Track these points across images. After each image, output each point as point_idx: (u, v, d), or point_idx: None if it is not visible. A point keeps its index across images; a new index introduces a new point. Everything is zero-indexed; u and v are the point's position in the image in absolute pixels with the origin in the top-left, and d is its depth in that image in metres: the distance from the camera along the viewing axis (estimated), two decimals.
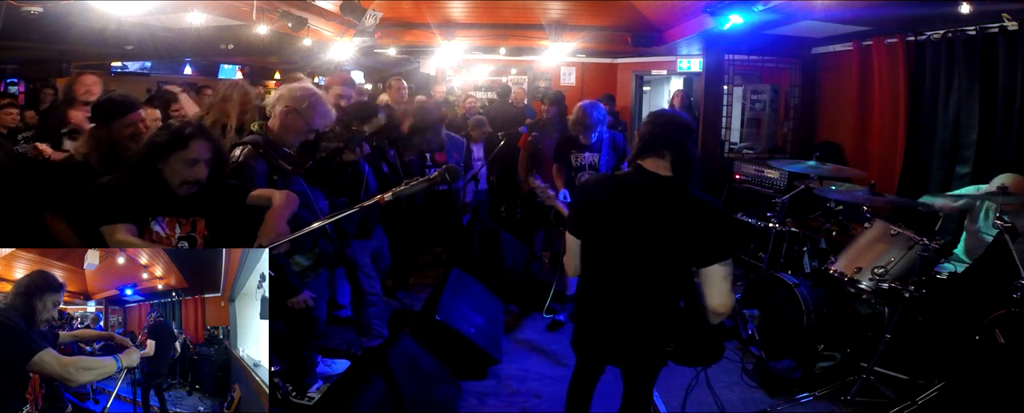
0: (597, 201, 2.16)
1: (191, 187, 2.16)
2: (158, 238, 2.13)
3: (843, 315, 3.49)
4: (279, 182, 2.55)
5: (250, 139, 2.63)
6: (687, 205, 2.06)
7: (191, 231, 2.19)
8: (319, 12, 5.87)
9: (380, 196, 2.01)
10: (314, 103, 2.67)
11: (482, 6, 6.68)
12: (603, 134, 4.06)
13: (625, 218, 2.09)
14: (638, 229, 2.08)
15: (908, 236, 3.21)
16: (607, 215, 2.12)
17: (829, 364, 3.42)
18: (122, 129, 2.50)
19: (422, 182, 2.03)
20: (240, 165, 2.50)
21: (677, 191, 2.07)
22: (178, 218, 2.17)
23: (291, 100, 2.64)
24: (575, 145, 4.11)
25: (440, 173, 2.05)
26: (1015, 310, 2.67)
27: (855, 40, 5.36)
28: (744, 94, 6.84)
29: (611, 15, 6.64)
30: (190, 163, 2.13)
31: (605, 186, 2.22)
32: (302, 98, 2.65)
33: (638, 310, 2.14)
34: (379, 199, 2.00)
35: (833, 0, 4.01)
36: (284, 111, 2.64)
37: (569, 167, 4.14)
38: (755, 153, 6.55)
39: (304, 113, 2.65)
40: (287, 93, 2.66)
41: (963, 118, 4.46)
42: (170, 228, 2.15)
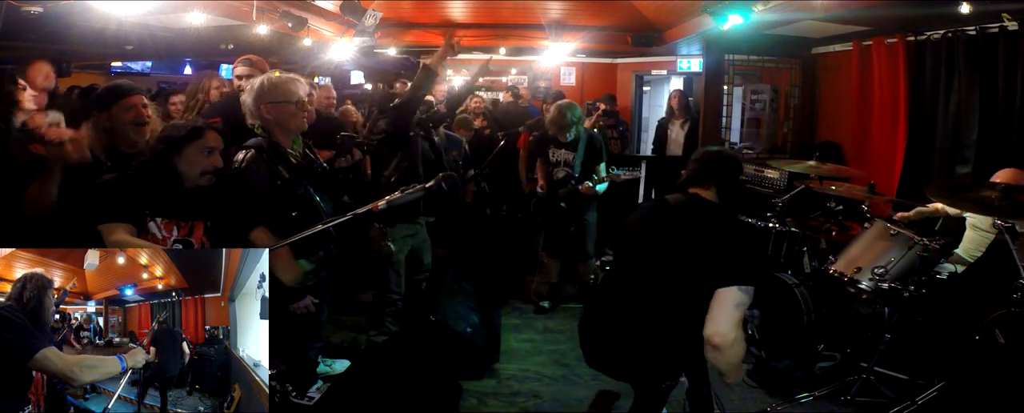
0: (637, 218, 2.26)
1: (212, 178, 2.18)
2: (153, 240, 2.11)
3: (843, 315, 3.50)
4: (282, 186, 2.54)
5: (253, 143, 2.56)
6: (724, 224, 2.11)
7: (188, 235, 2.17)
8: (319, 12, 5.86)
9: (374, 204, 1.94)
10: (272, 83, 2.58)
11: (482, 6, 6.68)
12: (581, 133, 4.36)
13: (659, 234, 2.16)
14: (670, 246, 2.12)
15: (908, 236, 3.21)
16: (642, 230, 2.21)
17: (829, 364, 3.43)
18: (122, 113, 2.43)
19: (418, 190, 1.96)
20: (244, 170, 2.45)
21: (717, 212, 2.16)
22: (177, 221, 2.16)
23: (259, 97, 2.57)
24: (553, 142, 4.42)
25: (437, 180, 2.00)
26: (1015, 310, 2.66)
27: (855, 40, 5.35)
28: (744, 94, 6.84)
29: (611, 15, 6.64)
30: (209, 151, 2.16)
31: (647, 204, 2.36)
32: (262, 88, 2.58)
33: (652, 332, 2.12)
34: (372, 207, 1.94)
35: (833, 0, 4.01)
36: (264, 108, 2.56)
37: (547, 162, 4.48)
38: (755, 153, 6.55)
39: (278, 95, 2.57)
40: (249, 96, 2.58)
41: (963, 118, 4.46)
42: (167, 230, 2.14)
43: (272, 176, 2.52)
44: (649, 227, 2.20)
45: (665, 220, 2.18)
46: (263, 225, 2.35)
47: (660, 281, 2.10)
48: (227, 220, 2.24)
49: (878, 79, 5.13)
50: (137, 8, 4.25)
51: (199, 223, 2.19)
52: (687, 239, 2.09)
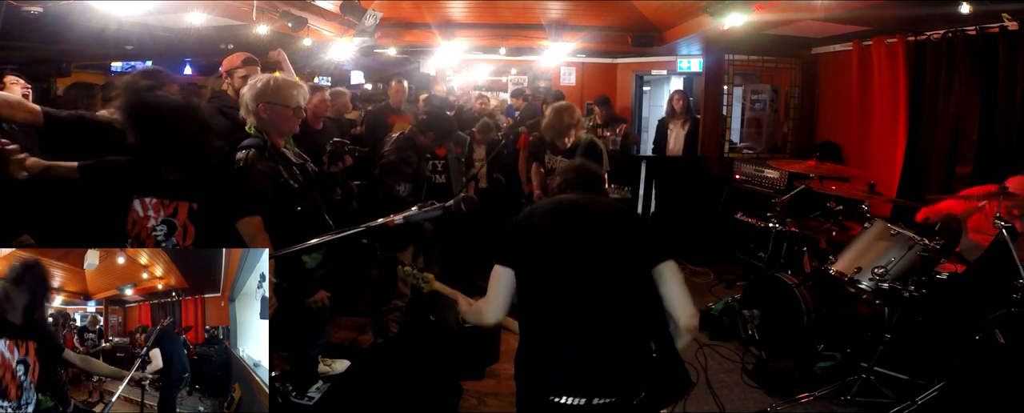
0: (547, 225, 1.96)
1: None
2: (135, 218, 2.11)
3: (843, 315, 3.49)
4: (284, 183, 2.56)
5: (252, 142, 2.56)
6: (616, 208, 2.05)
7: (172, 215, 2.13)
8: (319, 12, 5.86)
9: (390, 218, 1.89)
10: (276, 84, 2.61)
11: (482, 6, 6.68)
12: (580, 139, 4.01)
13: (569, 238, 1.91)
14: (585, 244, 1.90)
15: (908, 236, 3.21)
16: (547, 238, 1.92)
17: (829, 364, 3.42)
18: None
19: (437, 208, 1.90)
20: (248, 169, 2.46)
21: (606, 201, 2.09)
22: (163, 199, 2.13)
23: (259, 95, 2.58)
24: (550, 148, 4.14)
25: (456, 201, 1.97)
26: (1015, 310, 2.67)
27: (855, 40, 5.36)
28: (744, 94, 6.84)
29: (611, 15, 6.63)
30: None
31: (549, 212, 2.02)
32: (266, 87, 2.60)
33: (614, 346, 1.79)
34: (388, 221, 1.88)
35: (833, 0, 4.01)
36: (261, 107, 2.58)
37: (543, 168, 4.23)
38: (755, 153, 6.55)
39: (278, 97, 2.59)
40: (249, 92, 2.60)
41: (963, 118, 4.46)
42: (155, 210, 2.13)
43: (275, 174, 2.55)
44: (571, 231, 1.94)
45: (587, 221, 1.96)
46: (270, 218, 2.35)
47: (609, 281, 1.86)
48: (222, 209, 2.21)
49: (878, 79, 5.13)
50: (137, 8, 4.25)
51: (184, 204, 2.13)
52: (609, 231, 1.94)
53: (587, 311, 1.81)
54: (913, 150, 4.86)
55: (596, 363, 1.75)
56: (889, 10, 4.21)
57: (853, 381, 3.20)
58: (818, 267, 3.79)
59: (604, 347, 1.77)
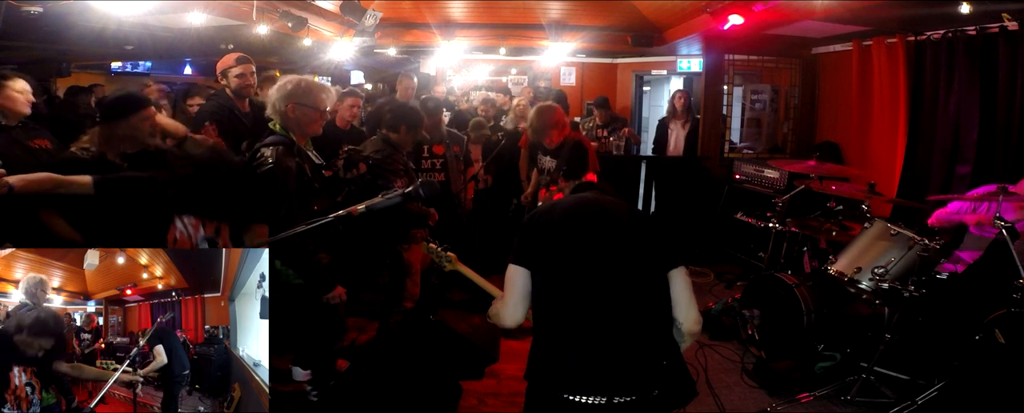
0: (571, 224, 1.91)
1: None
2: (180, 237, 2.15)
3: (843, 315, 3.49)
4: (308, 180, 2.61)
5: (277, 140, 2.59)
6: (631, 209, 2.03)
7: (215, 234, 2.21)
8: (319, 12, 5.86)
9: (353, 207, 1.94)
10: (307, 87, 2.65)
11: (482, 6, 6.67)
12: (566, 140, 3.97)
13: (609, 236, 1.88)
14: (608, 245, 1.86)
15: (908, 236, 3.21)
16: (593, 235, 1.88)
17: (829, 364, 3.42)
18: (140, 123, 2.56)
19: (396, 195, 1.95)
20: (274, 168, 2.49)
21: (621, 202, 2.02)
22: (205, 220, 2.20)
23: (289, 96, 2.61)
24: (541, 148, 4.15)
25: (415, 187, 1.99)
26: (1015, 310, 2.67)
27: (855, 40, 5.36)
28: (744, 94, 6.84)
29: (611, 15, 6.63)
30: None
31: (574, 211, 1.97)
32: (296, 88, 2.63)
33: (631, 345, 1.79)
34: (352, 210, 1.93)
35: (833, 0, 4.01)
36: (290, 107, 2.61)
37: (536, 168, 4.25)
38: (755, 153, 6.55)
39: (308, 99, 2.63)
40: (278, 92, 2.63)
41: (963, 118, 4.45)
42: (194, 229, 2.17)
43: (300, 170, 2.59)
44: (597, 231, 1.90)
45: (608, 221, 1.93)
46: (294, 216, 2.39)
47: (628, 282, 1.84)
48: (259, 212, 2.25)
49: (878, 79, 5.13)
50: (137, 8, 4.26)
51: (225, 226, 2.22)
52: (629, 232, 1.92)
53: (609, 311, 1.79)
54: (913, 150, 4.86)
55: (617, 362, 1.74)
56: (889, 10, 4.21)
57: (853, 381, 3.20)
58: (818, 267, 3.79)
59: (625, 347, 1.76)
